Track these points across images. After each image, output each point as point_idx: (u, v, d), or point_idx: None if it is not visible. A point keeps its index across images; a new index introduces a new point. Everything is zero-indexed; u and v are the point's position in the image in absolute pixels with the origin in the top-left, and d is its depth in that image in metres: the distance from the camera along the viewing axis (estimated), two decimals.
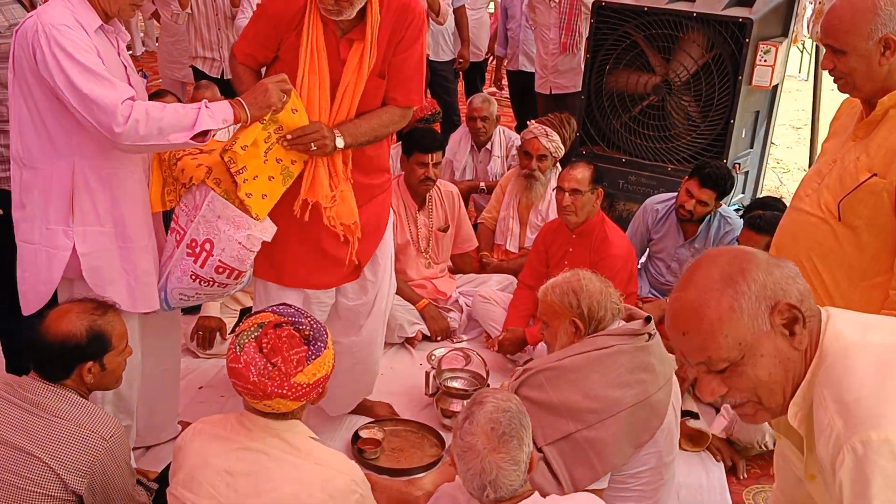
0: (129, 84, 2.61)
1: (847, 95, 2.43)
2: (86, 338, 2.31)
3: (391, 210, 3.30)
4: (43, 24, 2.39)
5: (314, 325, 2.13)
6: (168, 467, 2.64)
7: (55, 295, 2.64)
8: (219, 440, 2.14)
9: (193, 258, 2.72)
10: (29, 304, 2.64)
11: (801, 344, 1.46)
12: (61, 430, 2.23)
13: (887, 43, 2.20)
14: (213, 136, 2.59)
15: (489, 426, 2.05)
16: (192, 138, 2.45)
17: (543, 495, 2.13)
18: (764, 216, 3.50)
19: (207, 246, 2.71)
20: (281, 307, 2.18)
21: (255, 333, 2.09)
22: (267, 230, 2.79)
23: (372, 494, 2.24)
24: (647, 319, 2.63)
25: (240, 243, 2.72)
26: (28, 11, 3.04)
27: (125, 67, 2.66)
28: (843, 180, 2.33)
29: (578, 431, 2.48)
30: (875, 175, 2.25)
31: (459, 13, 6.73)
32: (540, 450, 2.47)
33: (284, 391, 2.04)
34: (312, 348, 2.09)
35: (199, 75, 6.32)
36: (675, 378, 2.77)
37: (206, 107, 2.47)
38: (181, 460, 2.17)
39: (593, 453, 2.47)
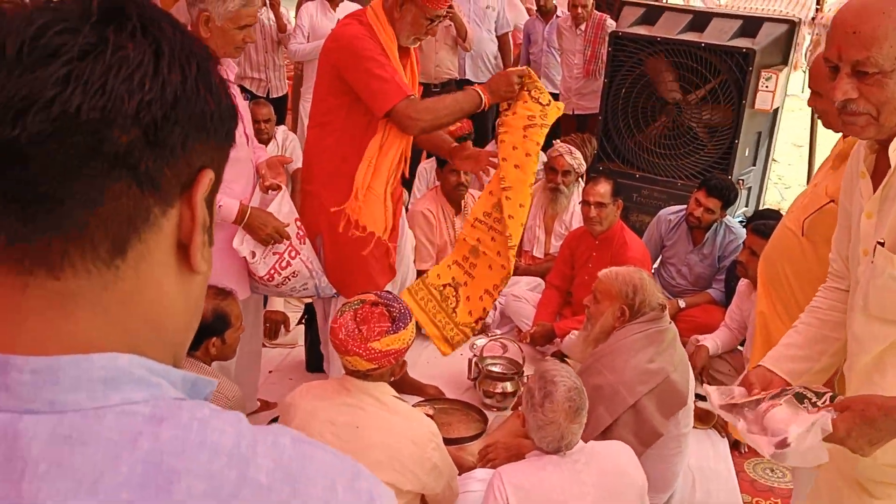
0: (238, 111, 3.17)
1: None
2: (212, 317, 2.85)
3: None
4: None
5: (403, 310, 2.68)
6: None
7: None
8: (323, 399, 2.68)
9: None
10: None
11: None
12: None
13: None
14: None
15: (567, 404, 2.55)
16: None
17: None
18: (768, 224, 3.99)
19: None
20: (382, 293, 2.74)
21: (357, 306, 2.67)
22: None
23: (443, 443, 2.77)
24: (663, 307, 3.19)
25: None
26: None
27: (233, 97, 3.20)
28: (812, 202, 2.77)
29: (638, 401, 3.00)
30: (833, 202, 2.62)
31: (503, 40, 7.16)
32: (611, 426, 2.99)
33: (361, 351, 2.57)
34: (395, 326, 2.65)
35: (246, 94, 6.87)
36: (689, 364, 3.33)
37: (219, 208, 3.01)
38: (292, 414, 2.70)
39: (650, 417, 3.00)
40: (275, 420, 3.04)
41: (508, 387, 3.95)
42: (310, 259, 3.40)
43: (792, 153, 9.62)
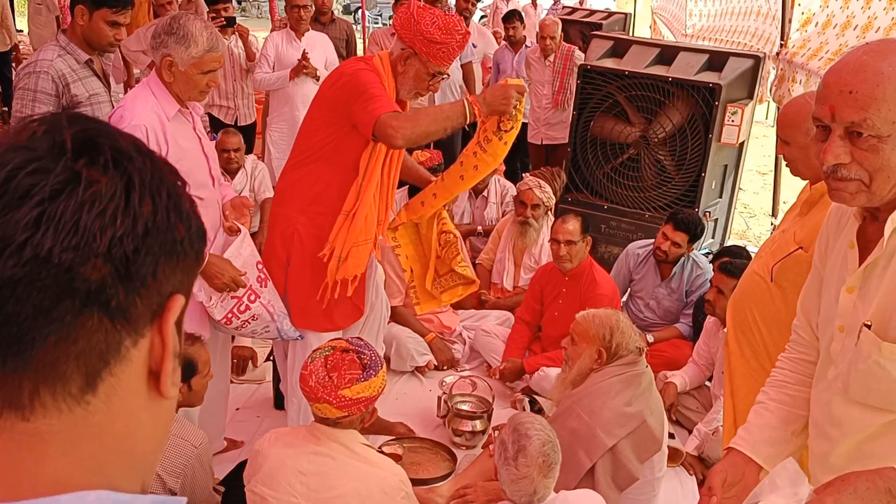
0: (204, 151, 3.15)
1: None
2: (179, 364, 2.81)
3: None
4: (132, 120, 2.87)
5: (373, 357, 2.66)
6: (231, 474, 3.16)
7: None
8: (292, 447, 2.65)
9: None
10: None
11: None
12: None
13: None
14: None
15: (540, 459, 2.56)
16: None
17: None
18: (734, 262, 4.03)
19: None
20: (354, 339, 2.71)
21: (327, 352, 2.65)
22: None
23: (413, 492, 2.75)
24: (640, 350, 3.20)
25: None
26: (102, 83, 3.58)
27: (199, 138, 3.18)
28: (781, 248, 2.77)
29: (615, 445, 3.00)
30: (801, 248, 2.66)
31: (467, 69, 7.24)
32: (592, 468, 2.99)
33: (331, 399, 2.55)
34: (365, 373, 2.62)
35: (213, 122, 6.83)
36: (663, 408, 3.35)
37: None
38: (260, 462, 2.66)
39: (626, 461, 3.00)
40: (244, 463, 2.99)
41: (478, 425, 3.94)
42: (271, 302, 3.34)
43: (756, 181, 9.74)
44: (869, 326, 1.65)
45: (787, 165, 2.86)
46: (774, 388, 2.03)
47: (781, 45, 6.12)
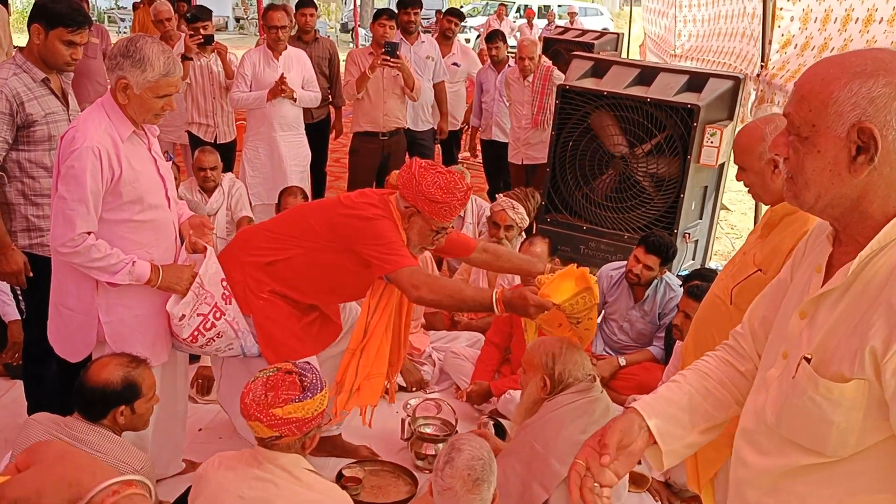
0: (159, 173, 3.12)
1: None
2: (121, 385, 2.77)
3: None
4: (84, 142, 2.89)
5: (314, 381, 2.61)
6: (181, 496, 3.10)
7: None
8: (235, 470, 2.60)
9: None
10: (72, 354, 3.17)
11: (856, 173, 1.46)
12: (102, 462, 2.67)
13: (775, 163, 2.65)
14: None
15: (466, 472, 2.52)
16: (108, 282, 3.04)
17: None
18: (701, 286, 3.99)
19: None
20: (301, 362, 2.69)
21: (271, 373, 2.62)
22: None
23: None
24: (593, 378, 3.15)
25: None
26: (60, 101, 3.55)
27: (154, 160, 3.15)
28: (740, 270, 2.75)
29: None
30: (760, 270, 2.64)
31: (439, 88, 7.24)
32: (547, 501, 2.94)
33: (261, 416, 2.53)
34: (302, 395, 2.59)
35: (193, 139, 6.82)
36: None
37: (133, 264, 3.01)
38: (202, 487, 2.61)
39: None
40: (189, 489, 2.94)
41: (441, 448, 3.87)
42: (235, 319, 3.33)
43: (745, 201, 9.65)
44: (808, 360, 1.53)
45: (747, 191, 2.83)
46: (694, 374, 1.91)
47: (762, 67, 6.10)
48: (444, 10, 7.85)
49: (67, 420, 2.77)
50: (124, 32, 24.42)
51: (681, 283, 4.64)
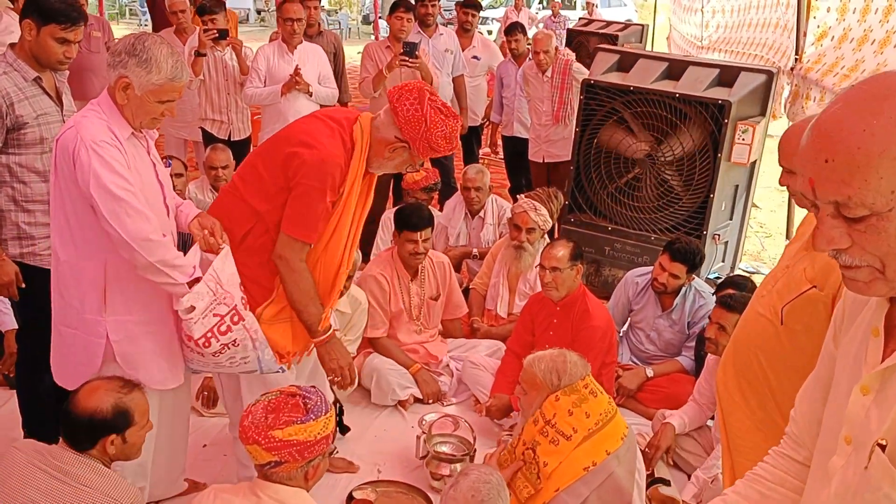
0: (158, 178, 2.89)
1: None
2: (111, 413, 2.55)
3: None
4: (83, 139, 2.62)
5: (319, 403, 2.44)
6: None
7: None
8: None
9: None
10: (67, 381, 2.90)
11: None
12: (87, 497, 2.45)
13: None
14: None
15: (469, 493, 2.39)
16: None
17: None
18: (734, 296, 3.75)
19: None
20: (305, 386, 2.52)
21: (273, 396, 2.47)
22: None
23: None
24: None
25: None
26: (53, 101, 3.35)
27: (153, 164, 2.92)
28: (789, 287, 2.49)
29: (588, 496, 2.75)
30: (815, 287, 2.40)
31: (458, 82, 7.00)
32: None
33: (260, 439, 2.37)
34: (304, 417, 2.42)
35: (206, 136, 6.63)
36: (638, 450, 3.07)
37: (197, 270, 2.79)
38: None
39: None
40: None
41: (458, 469, 3.64)
42: (254, 328, 3.00)
43: (773, 198, 9.35)
44: (884, 447, 1.23)
45: (791, 197, 2.59)
46: (745, 483, 1.70)
47: (796, 60, 5.83)
48: (461, 2, 7.57)
49: (52, 449, 2.56)
50: (145, 26, 24.33)
51: (713, 290, 4.38)
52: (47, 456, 2.52)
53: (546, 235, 4.99)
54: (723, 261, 5.90)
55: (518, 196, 5.00)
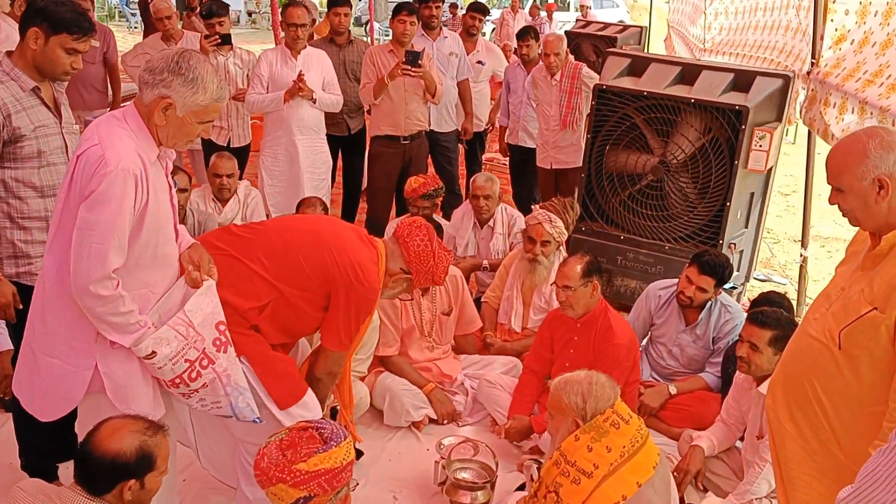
0: (171, 202, 2.69)
1: None
2: (135, 457, 2.35)
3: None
4: (108, 160, 2.42)
5: (335, 430, 2.33)
6: None
7: None
8: None
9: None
10: (45, 413, 2.67)
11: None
12: None
13: (881, 183, 2.29)
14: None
15: None
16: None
17: None
18: (766, 312, 3.59)
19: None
20: (317, 419, 2.41)
21: (283, 435, 2.37)
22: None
23: None
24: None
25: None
26: (52, 112, 3.15)
27: (170, 187, 2.72)
28: (846, 309, 2.37)
29: None
30: (875, 309, 2.28)
31: (463, 86, 6.85)
32: None
33: (285, 475, 2.25)
34: (325, 445, 2.32)
35: (206, 143, 6.43)
36: (670, 479, 2.91)
37: (145, 330, 2.58)
38: None
39: None
40: None
41: (479, 497, 3.47)
42: (226, 371, 2.76)
43: (779, 203, 9.23)
44: None
45: (843, 216, 2.44)
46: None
47: (813, 64, 5.67)
48: (458, 4, 7.42)
49: (62, 492, 2.37)
50: (135, 29, 24.06)
51: (740, 303, 4.22)
52: (55, 500, 2.33)
53: (562, 248, 4.82)
54: (737, 270, 5.73)
55: (533, 207, 4.83)
